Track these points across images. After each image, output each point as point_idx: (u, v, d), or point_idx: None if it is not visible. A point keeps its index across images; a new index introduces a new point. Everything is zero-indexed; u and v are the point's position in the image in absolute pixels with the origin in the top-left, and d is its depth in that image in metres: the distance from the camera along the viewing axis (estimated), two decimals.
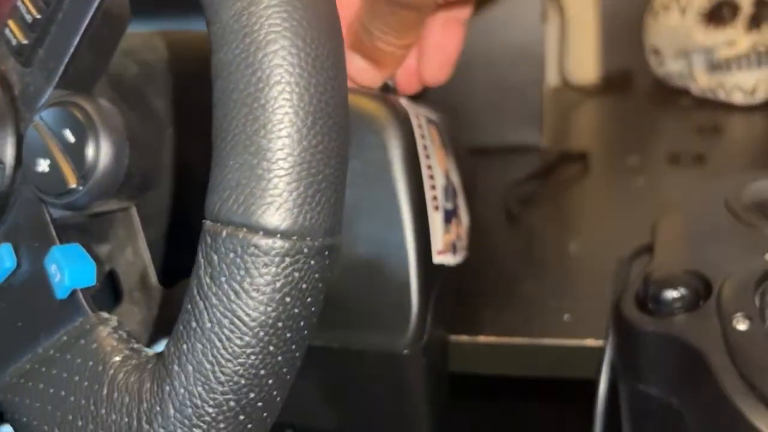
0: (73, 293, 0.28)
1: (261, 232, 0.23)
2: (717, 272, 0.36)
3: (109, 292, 0.35)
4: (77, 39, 0.29)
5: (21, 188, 0.30)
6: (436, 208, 0.38)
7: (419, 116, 0.39)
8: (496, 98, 0.71)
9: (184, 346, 0.24)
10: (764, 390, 0.30)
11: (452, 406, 0.41)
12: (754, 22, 0.76)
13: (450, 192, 0.41)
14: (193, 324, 0.23)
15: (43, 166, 0.29)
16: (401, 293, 0.35)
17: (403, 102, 0.39)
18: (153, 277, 0.34)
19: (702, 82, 0.80)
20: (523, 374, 0.41)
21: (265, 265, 0.23)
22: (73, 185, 0.28)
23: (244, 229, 0.23)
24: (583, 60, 0.96)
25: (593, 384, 0.39)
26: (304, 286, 0.24)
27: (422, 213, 0.36)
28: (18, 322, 0.29)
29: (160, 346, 0.26)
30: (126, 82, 0.36)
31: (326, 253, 0.24)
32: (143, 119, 0.35)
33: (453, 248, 0.40)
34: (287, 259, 0.23)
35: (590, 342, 0.40)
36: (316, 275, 0.24)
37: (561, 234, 0.53)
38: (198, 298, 0.23)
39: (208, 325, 0.23)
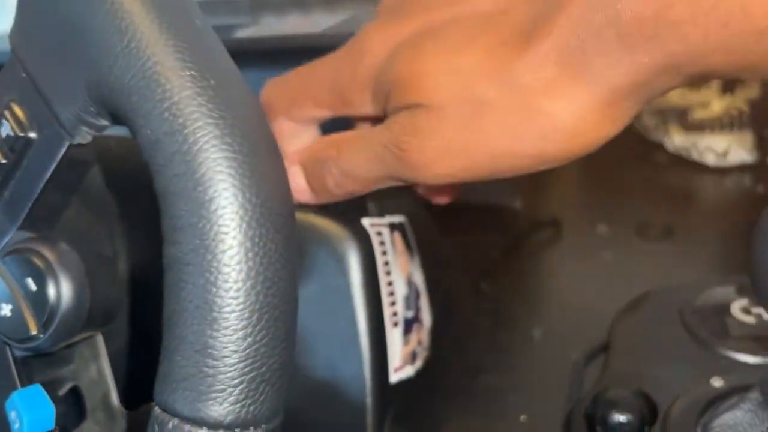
0: None
1: (205, 427, 0.24)
2: (664, 396, 0.37)
3: (73, 408, 0.36)
4: (41, 184, 0.30)
5: None
6: (395, 324, 0.39)
7: (382, 230, 0.40)
8: None
9: None
10: None
11: None
12: (728, 86, 0.78)
13: (412, 299, 0.42)
14: None
15: (5, 310, 0.30)
16: (356, 418, 0.36)
17: (366, 222, 0.39)
18: (115, 399, 0.35)
19: (676, 140, 0.81)
20: None
21: None
22: (34, 332, 0.29)
23: (190, 423, 0.24)
24: None
25: None
26: None
27: (380, 334, 0.38)
28: None
29: None
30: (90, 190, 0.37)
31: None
32: (105, 234, 0.36)
33: (413, 358, 0.41)
34: None
35: None
36: None
37: (526, 315, 0.54)
38: None
39: None
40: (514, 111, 0.31)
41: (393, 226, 0.43)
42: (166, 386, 0.24)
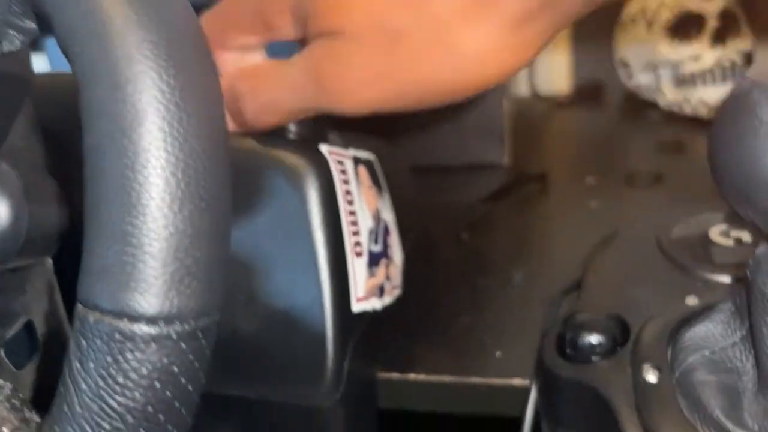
0: None
1: (126, 319, 0.23)
2: (637, 317, 0.36)
3: (25, 343, 0.35)
4: None
5: None
6: (359, 254, 0.38)
7: (343, 159, 0.39)
8: (457, 114, 0.71)
9: (57, 429, 0.24)
10: None
11: None
12: (719, 37, 0.76)
13: (380, 233, 0.41)
14: (65, 408, 0.24)
15: None
16: (316, 345, 0.35)
17: (324, 148, 0.38)
18: (69, 331, 0.34)
19: (669, 96, 0.79)
20: (451, 411, 0.41)
21: (131, 351, 0.23)
22: None
23: (110, 316, 0.23)
24: (555, 70, 0.95)
25: (520, 423, 0.39)
26: (175, 369, 0.24)
27: (340, 262, 0.36)
28: None
29: None
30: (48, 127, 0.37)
31: (199, 334, 0.24)
32: (55, 169, 0.35)
33: (380, 291, 0.40)
34: (153, 345, 0.23)
35: (517, 381, 0.40)
36: (190, 357, 0.24)
37: (507, 262, 0.53)
38: (69, 382, 0.23)
39: (78, 410, 0.23)
40: (428, 40, 0.31)
41: (358, 160, 0.41)
42: (87, 280, 0.23)
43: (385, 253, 0.42)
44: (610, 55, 0.89)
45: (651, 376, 0.32)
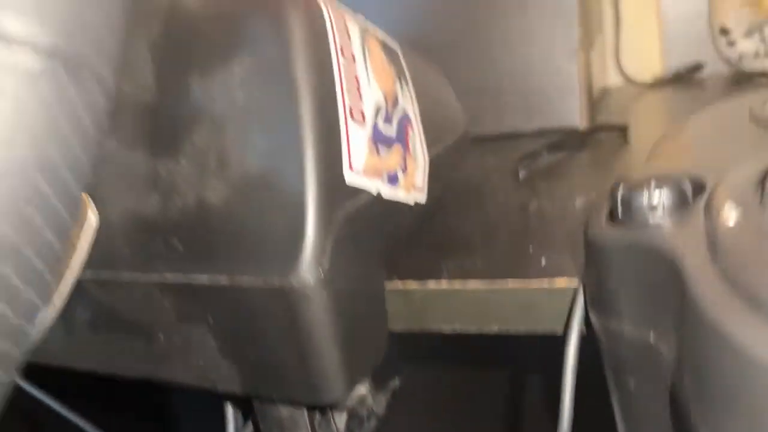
0: None
1: None
2: (715, 172, 0.27)
3: None
4: None
5: None
6: (357, 121, 0.31)
7: (345, 18, 0.33)
8: (527, 77, 0.64)
9: None
10: (755, 290, 0.20)
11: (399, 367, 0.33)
12: None
13: (395, 117, 0.34)
14: None
15: None
16: (294, 211, 0.28)
17: None
18: None
19: None
20: (480, 330, 0.32)
21: None
22: None
23: None
24: (644, 54, 0.86)
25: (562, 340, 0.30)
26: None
27: (330, 120, 0.29)
28: None
29: None
30: None
31: (62, 72, 0.17)
32: None
33: (390, 178, 0.33)
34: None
35: (562, 282, 0.31)
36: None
37: (570, 191, 0.44)
38: None
39: None
40: None
41: (367, 32, 0.35)
42: None
43: (401, 141, 0.35)
44: (705, 35, 0.79)
45: (732, 217, 0.23)
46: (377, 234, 0.32)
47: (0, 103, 0.17)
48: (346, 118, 0.31)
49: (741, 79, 0.74)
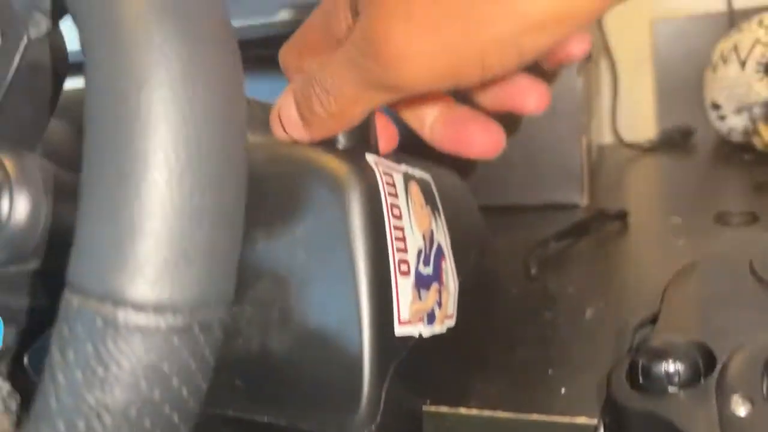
0: None
1: (110, 303, 0.20)
2: (725, 344, 0.31)
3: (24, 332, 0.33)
4: (2, 92, 0.28)
5: None
6: (404, 273, 0.34)
7: (392, 172, 0.36)
8: (533, 154, 0.67)
9: (32, 427, 0.21)
10: None
11: None
12: None
13: (431, 256, 0.38)
14: (42, 403, 0.21)
15: None
16: (352, 368, 0.31)
17: (371, 158, 0.35)
18: None
19: (765, 136, 0.73)
20: None
21: (113, 339, 0.20)
22: None
23: (94, 299, 0.20)
24: (639, 117, 0.91)
25: None
26: (165, 368, 0.20)
27: (383, 279, 0.33)
28: None
29: None
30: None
31: (196, 330, 0.21)
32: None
33: (428, 318, 0.36)
34: (139, 335, 0.20)
35: (582, 420, 0.35)
36: (184, 356, 0.21)
37: (580, 297, 0.48)
38: (48, 374, 0.21)
39: (54, 405, 0.20)
40: None
41: (410, 176, 0.38)
42: (74, 261, 0.21)
43: (436, 278, 0.38)
44: (697, 100, 0.84)
45: (741, 409, 0.27)
46: (418, 371, 0.36)
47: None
48: (395, 274, 0.34)
49: (729, 150, 0.79)
